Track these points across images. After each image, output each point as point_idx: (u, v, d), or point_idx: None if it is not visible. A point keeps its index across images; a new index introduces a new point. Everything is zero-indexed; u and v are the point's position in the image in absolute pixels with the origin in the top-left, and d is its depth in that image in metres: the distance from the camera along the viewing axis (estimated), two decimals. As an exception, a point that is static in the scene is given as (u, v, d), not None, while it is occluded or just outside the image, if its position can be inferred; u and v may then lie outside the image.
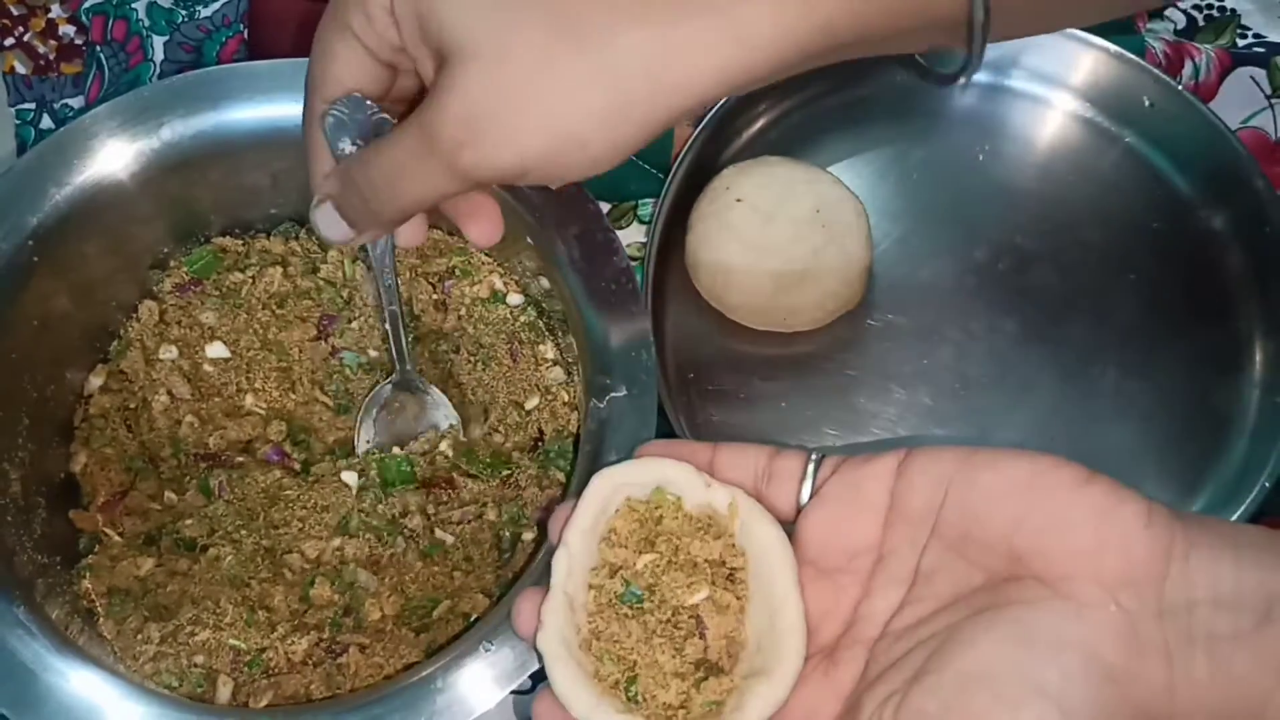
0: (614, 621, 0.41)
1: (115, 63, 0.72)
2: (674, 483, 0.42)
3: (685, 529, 0.42)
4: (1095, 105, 0.70)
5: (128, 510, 0.56)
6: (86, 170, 0.55)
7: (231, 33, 0.72)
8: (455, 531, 0.56)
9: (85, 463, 0.58)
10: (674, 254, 0.65)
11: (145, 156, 0.56)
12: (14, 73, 0.71)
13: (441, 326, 0.61)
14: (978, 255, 0.67)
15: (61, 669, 0.48)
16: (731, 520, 0.42)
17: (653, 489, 0.43)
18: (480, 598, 0.54)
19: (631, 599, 0.41)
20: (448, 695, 0.48)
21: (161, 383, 0.59)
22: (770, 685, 0.39)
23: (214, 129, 0.56)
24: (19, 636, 0.48)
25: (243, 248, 0.62)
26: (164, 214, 0.59)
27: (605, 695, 0.40)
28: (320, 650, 0.53)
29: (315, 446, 0.59)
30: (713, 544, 0.41)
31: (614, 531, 0.42)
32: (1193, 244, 0.68)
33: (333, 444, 0.59)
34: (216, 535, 0.56)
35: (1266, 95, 0.71)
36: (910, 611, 0.38)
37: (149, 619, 0.53)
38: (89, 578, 0.54)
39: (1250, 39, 0.73)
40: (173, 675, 0.51)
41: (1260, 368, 0.65)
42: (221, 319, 0.60)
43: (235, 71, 0.57)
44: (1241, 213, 0.66)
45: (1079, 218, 0.68)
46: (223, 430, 0.58)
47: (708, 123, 0.66)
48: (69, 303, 0.56)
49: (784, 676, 0.39)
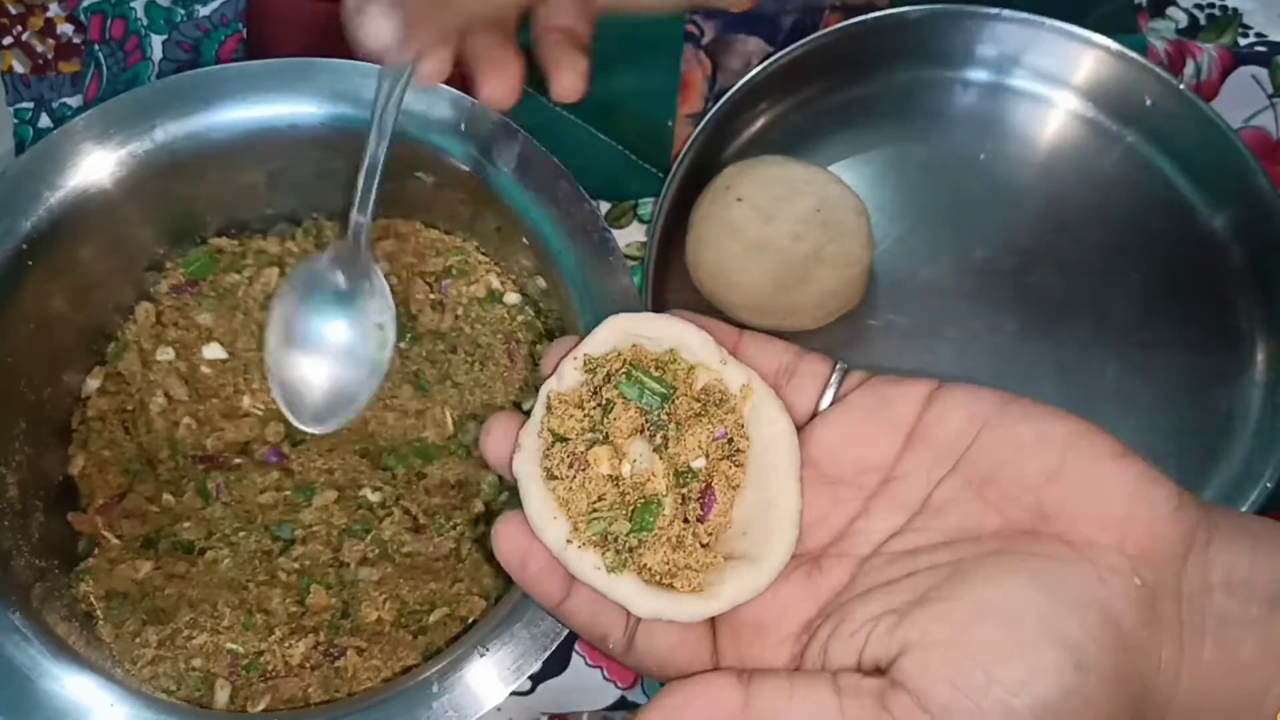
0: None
1: (113, 62, 0.71)
2: (690, 348, 0.40)
3: (691, 400, 0.39)
4: (1096, 104, 0.70)
5: (126, 513, 0.56)
6: (80, 172, 0.55)
7: (230, 32, 0.72)
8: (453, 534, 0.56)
9: (83, 465, 0.58)
10: (674, 254, 0.65)
11: (139, 158, 0.55)
12: (12, 72, 0.71)
13: (439, 326, 0.61)
14: (978, 255, 0.67)
15: (58, 674, 0.48)
16: (744, 400, 0.39)
17: (667, 348, 0.40)
18: (477, 600, 0.54)
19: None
20: (445, 699, 0.48)
21: (159, 384, 0.59)
22: (753, 572, 0.37)
23: (207, 130, 0.56)
24: (15, 642, 0.48)
25: (239, 248, 0.62)
26: (159, 215, 0.59)
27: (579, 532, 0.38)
28: (318, 653, 0.53)
29: (313, 447, 0.59)
30: (720, 420, 0.39)
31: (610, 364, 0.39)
32: (1194, 244, 0.67)
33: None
34: (214, 538, 0.56)
35: (1268, 95, 0.71)
36: (910, 538, 0.38)
37: (147, 622, 0.53)
38: (87, 581, 0.54)
39: (1252, 38, 0.73)
40: (171, 679, 0.52)
41: (1262, 367, 0.65)
42: (218, 320, 0.60)
43: (229, 71, 0.57)
44: (1243, 212, 0.66)
45: (1080, 217, 0.68)
46: (220, 432, 0.58)
47: (708, 122, 0.66)
48: (65, 305, 0.56)
49: (769, 567, 0.37)
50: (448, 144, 0.56)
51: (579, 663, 0.60)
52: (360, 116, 0.56)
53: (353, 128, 0.56)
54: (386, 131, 0.48)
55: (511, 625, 0.49)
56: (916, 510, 0.38)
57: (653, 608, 0.37)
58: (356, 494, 0.57)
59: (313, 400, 0.51)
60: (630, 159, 0.70)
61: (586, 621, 0.39)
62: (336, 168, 0.59)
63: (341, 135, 0.56)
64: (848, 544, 0.39)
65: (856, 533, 0.39)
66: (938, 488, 0.38)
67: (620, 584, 0.37)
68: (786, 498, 0.38)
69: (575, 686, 0.60)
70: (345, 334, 0.51)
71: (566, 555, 0.37)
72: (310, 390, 0.51)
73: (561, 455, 0.38)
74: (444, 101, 0.56)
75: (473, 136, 0.56)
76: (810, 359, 0.41)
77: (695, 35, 0.72)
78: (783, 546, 0.38)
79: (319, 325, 0.51)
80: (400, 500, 0.57)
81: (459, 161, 0.56)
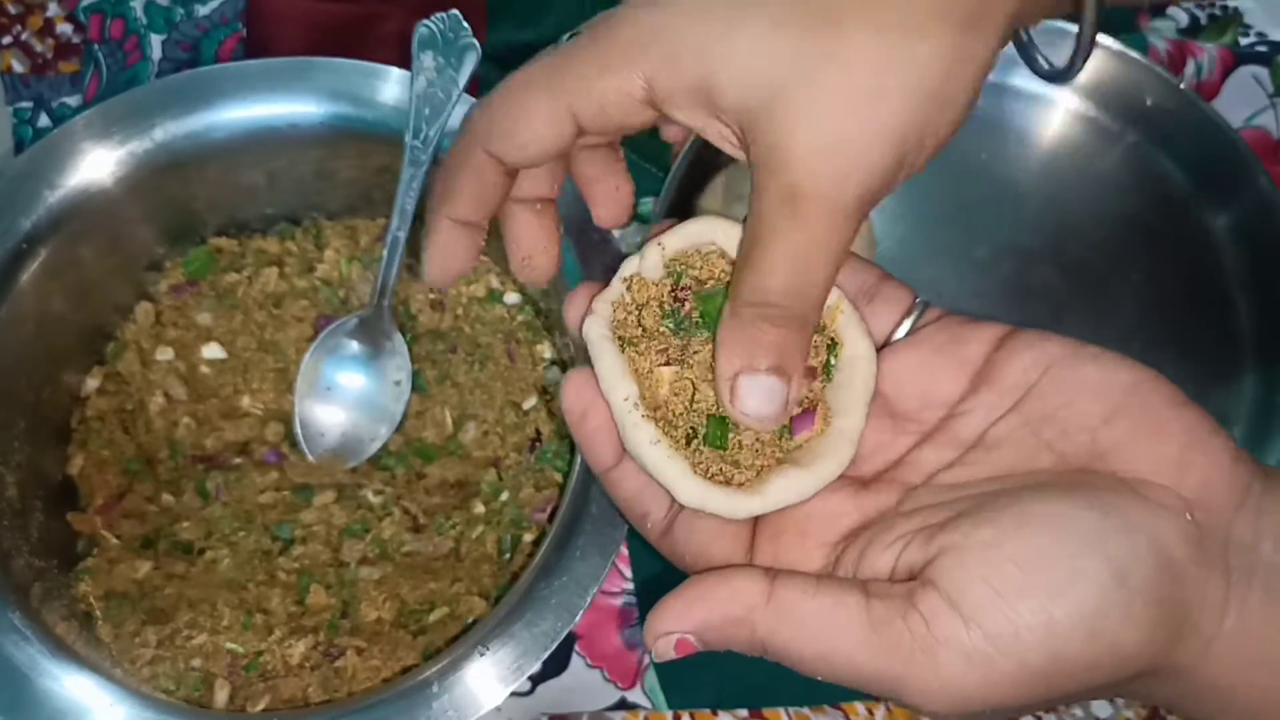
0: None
1: (113, 61, 0.71)
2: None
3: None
4: (1097, 104, 0.70)
5: (125, 513, 0.56)
6: (79, 172, 0.55)
7: (229, 31, 0.72)
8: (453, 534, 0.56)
9: (82, 465, 0.57)
10: (673, 254, 0.65)
11: (138, 157, 0.55)
12: (11, 71, 0.71)
13: (438, 326, 0.61)
14: (979, 254, 0.67)
15: (57, 674, 0.47)
16: (833, 316, 0.38)
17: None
18: (478, 600, 0.54)
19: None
20: (444, 699, 0.47)
21: (158, 384, 0.59)
22: (802, 476, 0.36)
23: (207, 129, 0.56)
24: (14, 641, 0.48)
25: (238, 248, 0.62)
26: (158, 215, 0.59)
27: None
28: (317, 653, 0.53)
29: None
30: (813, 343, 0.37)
31: (694, 268, 0.38)
32: (1194, 243, 0.67)
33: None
34: (214, 538, 0.55)
35: (1269, 94, 0.71)
36: (962, 471, 0.37)
37: (146, 622, 0.53)
38: (87, 581, 0.54)
39: (1253, 38, 0.73)
40: (170, 679, 0.51)
41: (1261, 367, 0.65)
42: (218, 320, 0.60)
43: (229, 71, 0.57)
44: (1243, 212, 0.66)
45: (1081, 217, 0.68)
46: (220, 432, 0.58)
47: (707, 122, 0.66)
48: (64, 305, 0.56)
49: (821, 473, 0.36)
50: (448, 143, 0.55)
51: (579, 663, 0.60)
52: (360, 116, 0.56)
53: (353, 127, 0.56)
54: (408, 217, 0.55)
55: (511, 625, 0.49)
56: (971, 446, 0.37)
57: (699, 497, 0.36)
58: (356, 494, 0.57)
59: (330, 441, 0.59)
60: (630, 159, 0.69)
61: (630, 494, 0.38)
62: (336, 168, 0.59)
63: (341, 135, 0.56)
64: (899, 472, 0.38)
65: (909, 463, 0.38)
66: (995, 424, 0.37)
67: (670, 466, 0.36)
68: (853, 417, 0.38)
69: (575, 687, 0.60)
70: (365, 387, 0.59)
71: (626, 420, 0.36)
72: (330, 432, 0.59)
73: (635, 337, 0.37)
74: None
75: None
76: (892, 285, 0.40)
77: (695, 35, 0.72)
78: (840, 457, 0.37)
79: (343, 378, 0.59)
80: (400, 500, 0.57)
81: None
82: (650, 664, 0.61)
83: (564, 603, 0.49)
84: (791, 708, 0.60)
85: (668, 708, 0.60)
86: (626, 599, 0.62)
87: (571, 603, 0.49)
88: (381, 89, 0.56)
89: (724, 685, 0.60)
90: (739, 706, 0.60)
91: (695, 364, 0.37)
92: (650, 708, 0.60)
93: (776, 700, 0.60)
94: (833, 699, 0.60)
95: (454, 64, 0.54)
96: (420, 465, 0.58)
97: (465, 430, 0.59)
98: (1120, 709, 0.61)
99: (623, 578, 0.62)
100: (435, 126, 0.54)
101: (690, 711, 0.60)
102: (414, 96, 0.54)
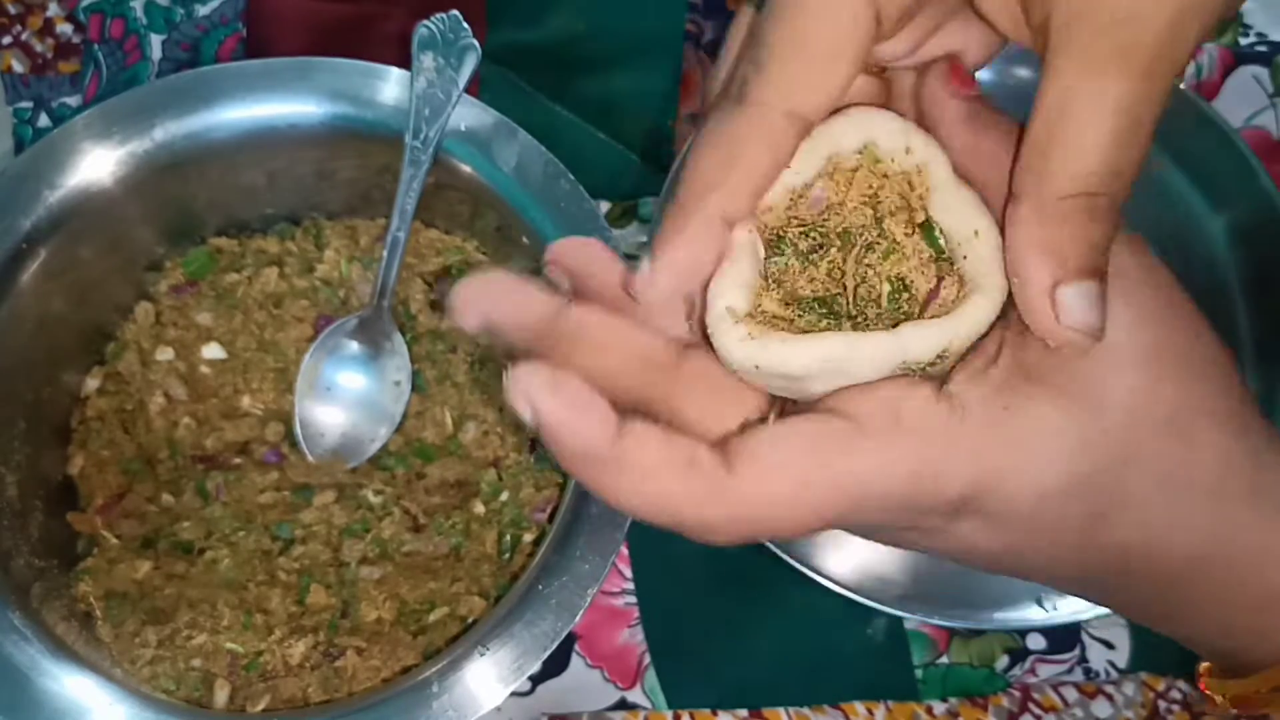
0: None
1: (113, 61, 0.71)
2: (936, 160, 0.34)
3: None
4: (1097, 104, 0.70)
5: (125, 513, 0.56)
6: (79, 172, 0.55)
7: (229, 31, 0.72)
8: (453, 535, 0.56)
9: (82, 465, 0.57)
10: (673, 254, 0.65)
11: (138, 157, 0.55)
12: (11, 71, 0.71)
13: (438, 326, 0.61)
14: (978, 255, 0.67)
15: (57, 673, 0.48)
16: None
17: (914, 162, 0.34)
18: (477, 600, 0.54)
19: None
20: (444, 699, 0.48)
21: (158, 384, 0.59)
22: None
23: (207, 129, 0.56)
24: (14, 641, 0.48)
25: (238, 248, 0.62)
26: (158, 215, 0.59)
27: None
28: (317, 653, 0.53)
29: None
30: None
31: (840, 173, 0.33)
32: (1194, 244, 0.67)
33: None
34: (213, 538, 0.56)
35: (1269, 94, 0.71)
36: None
37: (146, 622, 0.53)
38: (86, 581, 0.54)
39: (1253, 38, 0.73)
40: (170, 679, 0.51)
41: (1261, 367, 0.65)
42: (218, 320, 0.60)
43: (229, 71, 0.57)
44: (1244, 213, 0.66)
45: (1080, 217, 0.68)
46: (220, 432, 0.58)
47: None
48: (64, 305, 0.56)
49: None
50: (448, 143, 0.55)
51: (579, 663, 0.60)
52: (360, 116, 0.56)
53: (353, 127, 0.56)
54: (408, 217, 0.56)
55: (511, 625, 0.49)
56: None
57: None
58: (356, 494, 0.57)
59: (330, 441, 0.58)
60: (630, 159, 0.70)
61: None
62: (336, 168, 0.59)
63: (341, 135, 0.56)
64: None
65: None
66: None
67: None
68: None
69: (575, 687, 0.60)
70: (365, 387, 0.59)
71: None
72: (330, 432, 0.59)
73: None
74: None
75: (472, 136, 0.56)
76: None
77: (696, 34, 0.72)
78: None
79: (343, 378, 0.59)
80: (400, 500, 0.57)
81: (459, 161, 0.56)
82: (650, 664, 0.61)
83: (564, 603, 0.49)
84: (791, 708, 0.60)
85: (668, 708, 0.60)
86: (626, 599, 0.62)
87: (571, 603, 0.49)
88: (381, 89, 0.56)
89: (724, 685, 0.60)
90: (739, 706, 0.60)
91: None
92: (650, 708, 0.60)
93: (776, 700, 0.60)
94: (833, 699, 0.60)
95: (454, 64, 0.54)
96: (420, 465, 0.58)
97: (465, 430, 0.59)
98: (1120, 709, 0.61)
99: (623, 578, 0.62)
100: (435, 127, 0.54)
101: (690, 711, 0.60)
102: (414, 97, 0.54)
